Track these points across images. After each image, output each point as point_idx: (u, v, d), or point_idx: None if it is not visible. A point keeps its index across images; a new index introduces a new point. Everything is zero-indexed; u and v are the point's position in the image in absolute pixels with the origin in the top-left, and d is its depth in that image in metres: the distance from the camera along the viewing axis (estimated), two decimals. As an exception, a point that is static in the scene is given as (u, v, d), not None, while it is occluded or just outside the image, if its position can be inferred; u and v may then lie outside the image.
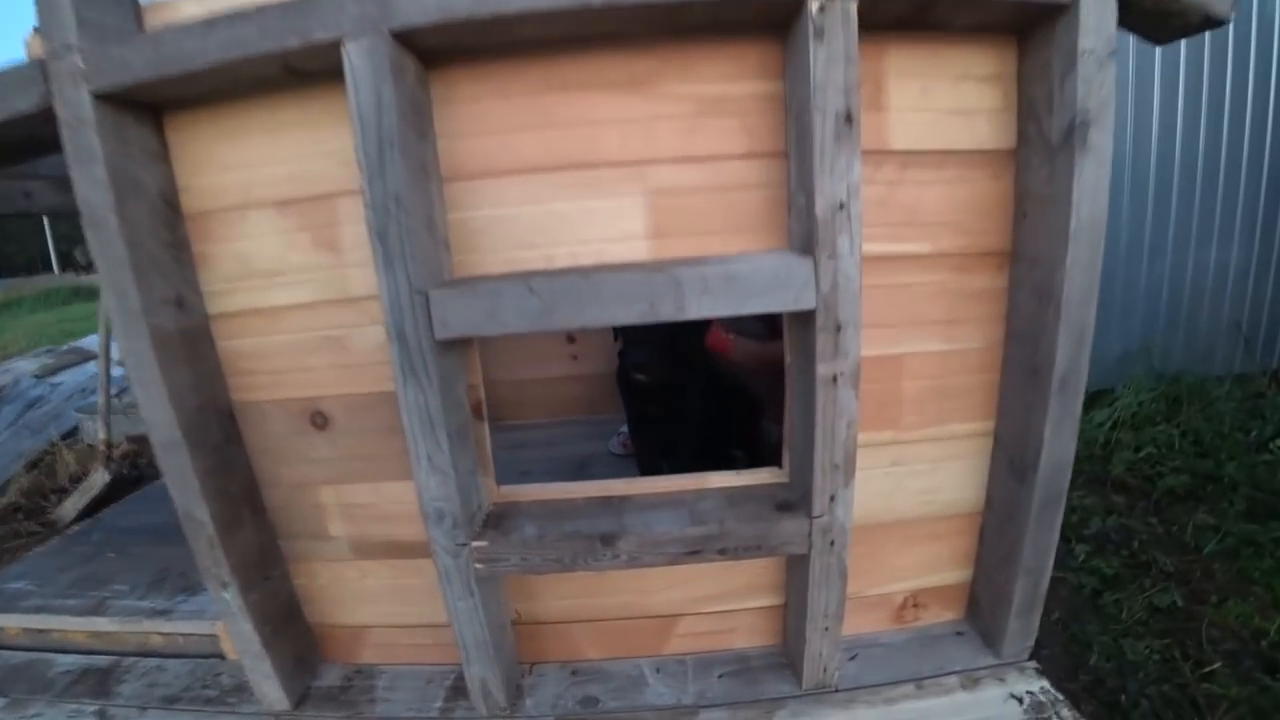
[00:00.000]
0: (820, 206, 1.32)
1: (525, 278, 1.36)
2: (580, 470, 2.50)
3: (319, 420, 1.73)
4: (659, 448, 2.26)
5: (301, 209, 1.58)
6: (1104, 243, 1.46)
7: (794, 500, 1.57)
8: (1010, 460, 1.65)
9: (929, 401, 1.65)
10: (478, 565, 1.56)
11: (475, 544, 1.56)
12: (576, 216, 1.48)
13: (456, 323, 1.39)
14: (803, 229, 1.39)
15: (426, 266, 1.40)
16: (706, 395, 2.13)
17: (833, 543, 1.52)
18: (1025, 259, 1.56)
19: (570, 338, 2.77)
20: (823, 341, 1.37)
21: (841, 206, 1.33)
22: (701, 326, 2.04)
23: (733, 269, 1.34)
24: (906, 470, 1.69)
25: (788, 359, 1.56)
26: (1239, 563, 2.56)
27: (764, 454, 2.32)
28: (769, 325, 2.26)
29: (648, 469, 2.21)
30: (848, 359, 1.39)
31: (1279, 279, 3.77)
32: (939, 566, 1.82)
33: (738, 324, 2.18)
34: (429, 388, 1.42)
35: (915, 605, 1.87)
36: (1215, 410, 3.33)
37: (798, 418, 1.55)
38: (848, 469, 1.46)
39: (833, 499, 1.48)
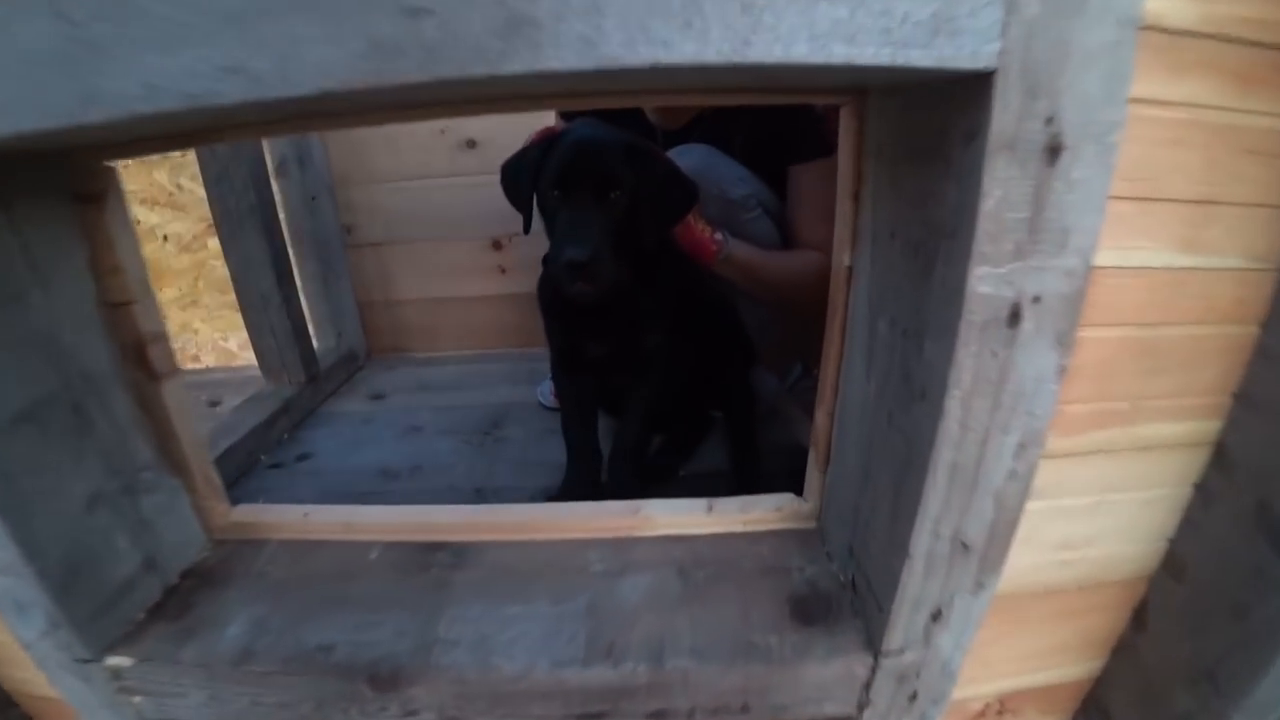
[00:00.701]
0: None
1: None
2: (492, 428, 1.49)
3: None
4: (599, 402, 1.24)
5: None
6: None
7: (833, 592, 0.59)
8: (1260, 504, 0.67)
9: (1122, 375, 0.65)
10: (135, 699, 0.60)
11: (114, 661, 0.59)
12: None
13: None
14: None
15: None
16: (677, 323, 1.09)
17: (915, 695, 0.56)
18: None
19: (497, 243, 1.73)
20: (1006, 185, 0.36)
21: None
22: (675, 208, 1.02)
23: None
24: (1050, 507, 0.71)
25: (845, 255, 0.53)
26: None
27: (750, 422, 1.30)
28: (777, 221, 1.22)
29: (578, 439, 1.18)
30: (1065, 252, 0.38)
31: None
32: (1055, 659, 0.87)
33: (729, 215, 1.15)
34: None
35: (1001, 712, 0.93)
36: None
37: (859, 402, 0.56)
38: (995, 551, 0.48)
39: (937, 617, 0.51)
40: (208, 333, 1.71)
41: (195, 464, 0.67)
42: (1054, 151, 0.34)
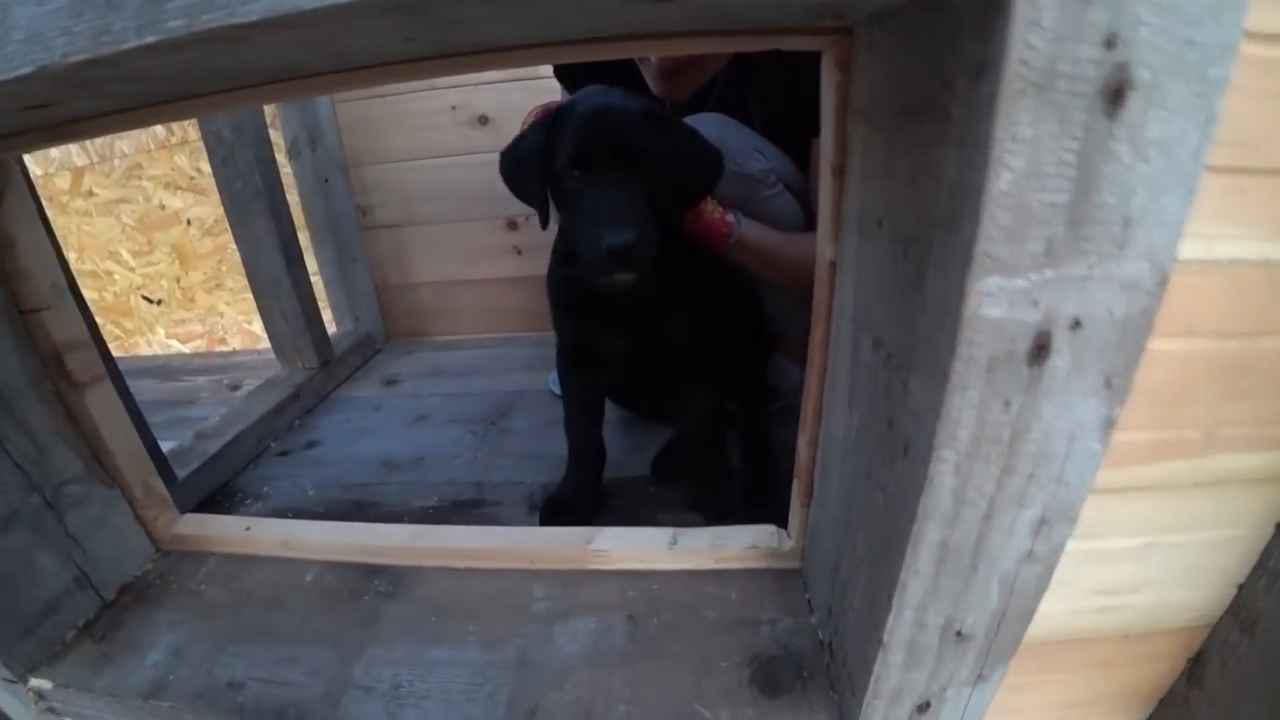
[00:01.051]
0: None
1: None
2: (499, 418, 1.41)
3: None
4: (612, 395, 1.11)
5: None
6: None
7: (807, 655, 0.47)
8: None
9: (1196, 398, 0.50)
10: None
11: (36, 682, 0.53)
12: None
13: None
14: None
15: None
16: (698, 310, 0.91)
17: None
18: None
19: (512, 223, 1.63)
20: (1033, 149, 0.21)
21: None
22: (701, 181, 0.82)
23: None
24: (1085, 549, 0.57)
25: (829, 248, 0.40)
26: None
27: (764, 418, 1.14)
28: (800, 198, 1.04)
29: (582, 439, 1.04)
30: (1126, 253, 0.23)
31: None
32: (1090, 710, 0.73)
33: (746, 192, 0.96)
34: None
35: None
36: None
37: (841, 438, 0.43)
38: (1003, 642, 0.35)
39: (925, 709, 0.39)
40: (232, 315, 1.69)
41: (131, 473, 0.60)
42: (1117, 94, 0.20)
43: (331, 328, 1.51)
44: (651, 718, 0.42)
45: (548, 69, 1.33)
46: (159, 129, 1.55)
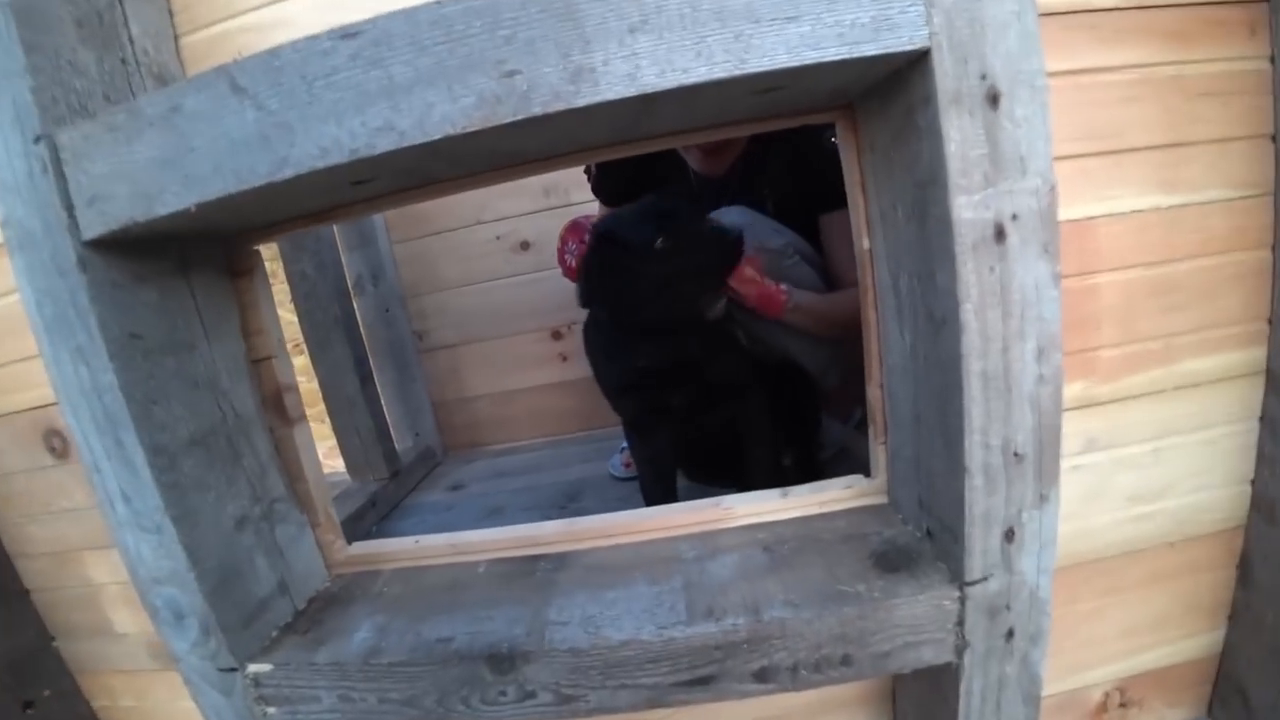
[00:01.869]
0: None
1: (228, 68, 0.50)
2: (569, 502, 1.56)
3: (57, 443, 0.88)
4: (682, 457, 1.25)
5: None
6: None
7: (913, 545, 0.63)
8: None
9: (1145, 314, 0.71)
10: (269, 710, 0.67)
11: (254, 668, 0.66)
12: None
13: (115, 194, 0.53)
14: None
15: (65, 80, 0.56)
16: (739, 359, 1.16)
17: (1011, 633, 0.58)
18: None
19: (556, 333, 1.89)
20: (962, 129, 0.45)
21: None
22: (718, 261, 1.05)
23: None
24: (1111, 458, 0.74)
25: (864, 240, 0.63)
26: None
27: (816, 466, 1.33)
28: (812, 265, 1.32)
29: (660, 501, 1.21)
30: (1028, 175, 0.46)
31: None
32: (1164, 633, 0.83)
33: (772, 264, 1.23)
34: (92, 349, 0.56)
35: (1123, 705, 0.88)
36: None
37: (900, 361, 0.63)
38: (1048, 460, 0.53)
39: (1011, 537, 0.55)
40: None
41: (318, 501, 0.77)
42: (994, 99, 0.44)
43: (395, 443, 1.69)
44: (807, 599, 0.57)
45: (579, 198, 1.68)
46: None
